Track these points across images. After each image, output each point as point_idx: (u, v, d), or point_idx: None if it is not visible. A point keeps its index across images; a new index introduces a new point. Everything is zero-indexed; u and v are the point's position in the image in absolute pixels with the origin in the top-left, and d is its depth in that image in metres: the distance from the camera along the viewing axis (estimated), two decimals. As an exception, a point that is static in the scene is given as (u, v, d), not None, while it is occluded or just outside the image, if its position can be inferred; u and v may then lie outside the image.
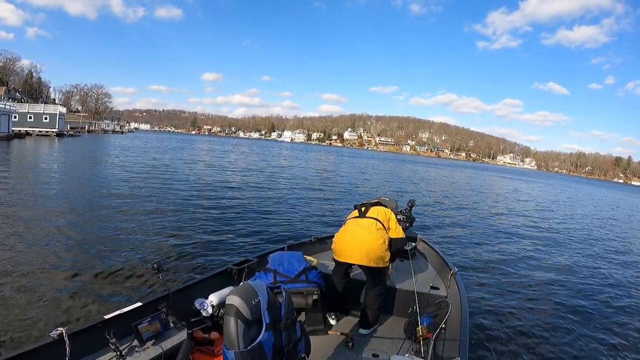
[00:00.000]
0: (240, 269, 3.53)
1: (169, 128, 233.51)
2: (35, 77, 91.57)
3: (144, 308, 2.62)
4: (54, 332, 2.15)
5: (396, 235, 3.32)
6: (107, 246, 6.58)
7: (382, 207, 3.44)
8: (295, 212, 11.36)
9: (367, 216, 3.33)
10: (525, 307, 5.60)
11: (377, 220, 3.28)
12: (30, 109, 49.76)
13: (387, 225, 3.30)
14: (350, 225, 3.33)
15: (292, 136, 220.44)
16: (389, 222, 3.33)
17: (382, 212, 3.36)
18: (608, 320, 5.49)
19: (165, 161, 25.58)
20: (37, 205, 9.29)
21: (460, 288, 3.41)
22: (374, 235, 3.17)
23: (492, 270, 7.33)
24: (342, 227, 3.43)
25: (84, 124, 72.99)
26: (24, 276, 5.05)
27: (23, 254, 5.83)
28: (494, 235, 10.91)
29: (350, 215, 3.47)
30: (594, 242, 12.02)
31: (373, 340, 3.18)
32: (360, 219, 3.33)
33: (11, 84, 77.38)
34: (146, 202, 10.78)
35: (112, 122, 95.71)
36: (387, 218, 3.34)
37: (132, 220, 8.49)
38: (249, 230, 8.58)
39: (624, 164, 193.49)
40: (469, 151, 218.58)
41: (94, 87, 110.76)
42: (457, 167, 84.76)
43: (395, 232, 3.32)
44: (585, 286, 7.03)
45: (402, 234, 3.38)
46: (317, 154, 71.99)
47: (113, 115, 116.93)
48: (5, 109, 38.65)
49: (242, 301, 1.63)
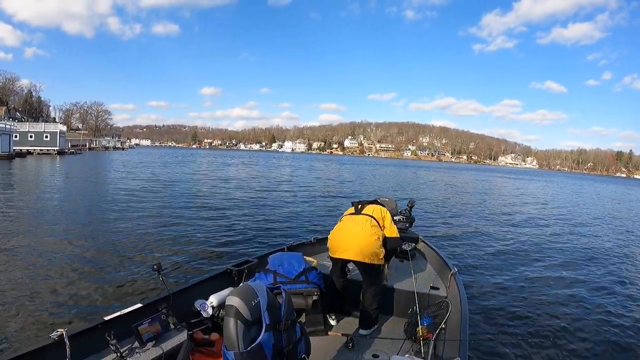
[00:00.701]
0: (240, 269, 3.55)
1: (170, 143, 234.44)
2: (35, 96, 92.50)
3: (144, 309, 2.64)
4: (54, 333, 2.16)
5: (390, 234, 3.33)
6: (107, 248, 6.63)
7: (378, 205, 3.46)
8: (295, 214, 11.38)
9: (363, 213, 3.35)
10: (526, 307, 5.55)
11: (371, 217, 3.30)
12: (30, 128, 50.19)
13: (382, 224, 3.32)
14: (345, 221, 3.35)
15: (292, 146, 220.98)
16: (383, 220, 3.35)
17: (378, 210, 3.38)
18: (610, 320, 5.40)
19: (165, 172, 25.68)
20: (39, 213, 9.38)
21: (460, 288, 3.41)
22: (368, 231, 3.19)
23: (492, 270, 7.29)
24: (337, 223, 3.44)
25: (84, 141, 73.43)
26: (25, 279, 5.08)
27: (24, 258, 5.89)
28: (494, 236, 10.86)
29: (347, 212, 3.49)
30: (598, 240, 11.92)
31: (373, 340, 3.17)
32: (356, 215, 3.35)
33: (11, 104, 78.17)
34: (147, 204, 10.85)
35: (112, 139, 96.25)
36: (382, 216, 3.36)
37: (132, 222, 8.55)
38: (248, 231, 8.61)
39: (625, 158, 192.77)
40: (470, 153, 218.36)
41: (93, 104, 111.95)
42: (459, 169, 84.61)
43: (390, 231, 3.34)
44: (587, 286, 6.97)
45: (397, 234, 3.40)
46: (318, 162, 72.04)
47: (113, 132, 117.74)
48: (6, 129, 38.98)
49: (242, 302, 1.64)
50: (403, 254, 4.44)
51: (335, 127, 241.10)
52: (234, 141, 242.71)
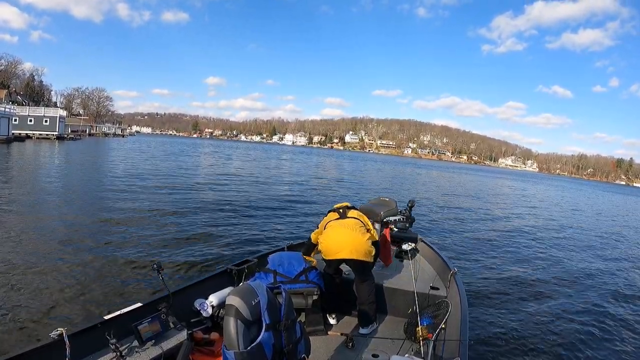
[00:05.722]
0: (240, 269, 3.54)
1: (170, 131, 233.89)
2: (37, 80, 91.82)
3: (144, 308, 2.63)
4: (54, 332, 2.15)
5: (374, 238, 3.40)
6: (106, 247, 6.59)
7: (356, 210, 3.54)
8: (295, 213, 11.38)
9: (349, 216, 3.40)
10: (526, 308, 5.58)
11: (358, 219, 3.37)
12: (30, 112, 49.89)
13: (367, 227, 3.39)
14: (334, 226, 3.34)
15: (293, 139, 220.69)
16: (367, 225, 3.41)
17: (360, 215, 3.46)
18: (610, 320, 5.47)
19: (164, 164, 25.63)
20: (35, 207, 9.30)
21: (460, 288, 3.40)
22: (359, 231, 3.27)
23: (492, 270, 7.32)
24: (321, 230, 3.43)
25: (84, 127, 73.09)
26: (24, 277, 5.05)
27: (23, 256, 5.83)
28: (494, 236, 10.89)
29: (329, 218, 3.45)
30: (598, 242, 11.96)
31: (373, 340, 3.18)
32: (343, 219, 3.38)
33: (12, 87, 77.59)
34: (145, 203, 10.80)
35: (113, 126, 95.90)
36: (365, 221, 3.44)
37: (131, 221, 8.51)
38: (248, 230, 8.60)
39: (625, 166, 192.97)
40: (470, 154, 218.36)
41: (95, 90, 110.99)
42: (458, 169, 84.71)
43: (374, 235, 3.41)
44: (588, 286, 7.02)
45: (377, 238, 3.49)
46: (318, 157, 72.01)
47: (114, 119, 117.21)
48: (5, 112, 38.76)
49: (242, 301, 1.62)
50: (403, 254, 4.42)
51: (336, 122, 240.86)
52: (234, 132, 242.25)
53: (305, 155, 70.65)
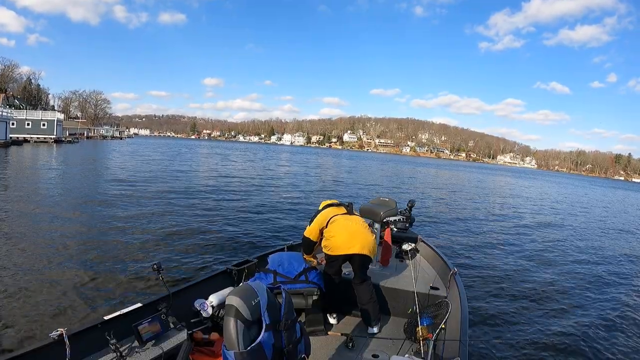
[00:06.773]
0: (240, 269, 3.54)
1: (168, 133, 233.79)
2: (34, 83, 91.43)
3: (144, 309, 2.63)
4: (54, 332, 2.15)
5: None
6: (107, 247, 6.59)
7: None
8: (295, 213, 11.36)
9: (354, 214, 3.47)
10: (526, 308, 5.58)
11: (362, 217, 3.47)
12: (28, 115, 49.84)
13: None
14: (343, 221, 3.31)
15: (291, 139, 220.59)
16: None
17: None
18: (610, 320, 5.45)
19: (163, 165, 25.59)
20: (34, 209, 9.28)
21: (460, 288, 3.41)
22: (367, 228, 3.33)
23: (492, 270, 7.31)
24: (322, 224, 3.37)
25: (82, 130, 72.99)
26: (24, 278, 5.05)
27: (23, 257, 5.83)
28: (493, 235, 10.89)
29: (331, 212, 3.40)
30: (599, 242, 11.96)
31: (373, 340, 3.17)
32: (350, 215, 3.40)
33: (10, 91, 77.28)
34: (146, 204, 10.79)
35: (111, 128, 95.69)
36: None
37: (131, 222, 8.50)
38: (248, 230, 8.59)
39: (624, 161, 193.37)
40: (468, 151, 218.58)
41: (92, 93, 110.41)
42: (457, 167, 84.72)
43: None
44: (588, 286, 7.01)
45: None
46: (317, 156, 71.96)
47: (112, 121, 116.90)
48: (3, 116, 38.67)
49: (242, 301, 1.62)
50: (403, 254, 4.43)
51: (334, 121, 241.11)
52: (232, 133, 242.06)
53: (303, 155, 70.57)
